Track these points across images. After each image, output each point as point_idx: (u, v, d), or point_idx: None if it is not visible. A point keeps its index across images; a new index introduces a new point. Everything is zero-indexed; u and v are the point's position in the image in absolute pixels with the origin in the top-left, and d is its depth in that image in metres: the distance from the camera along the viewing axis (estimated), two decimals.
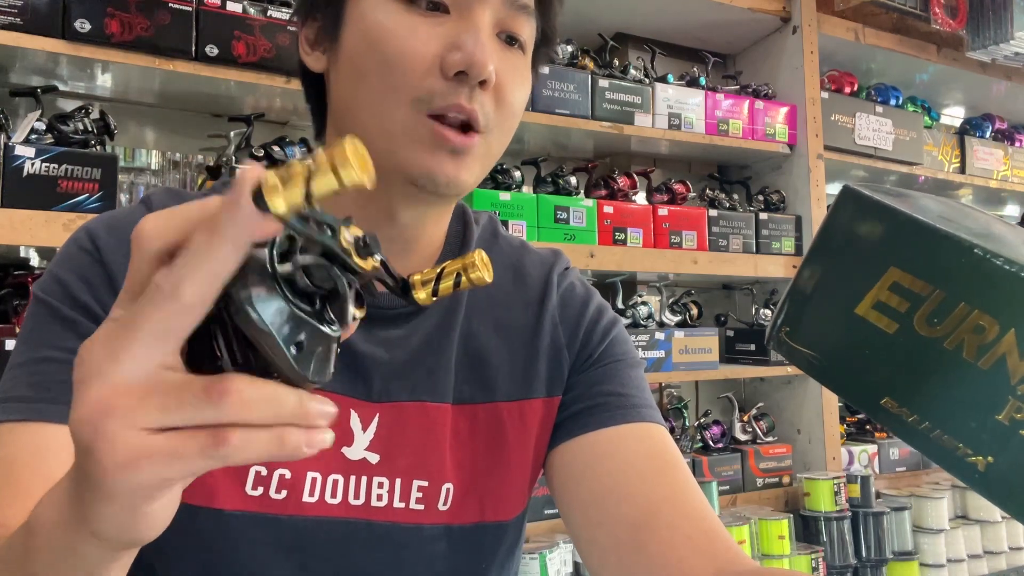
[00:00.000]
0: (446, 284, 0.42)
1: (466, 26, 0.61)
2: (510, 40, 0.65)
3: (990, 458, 0.34)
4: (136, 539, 0.36)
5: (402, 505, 0.67)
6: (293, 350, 0.33)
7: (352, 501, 0.65)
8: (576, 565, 1.86)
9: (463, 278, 0.42)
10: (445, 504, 0.68)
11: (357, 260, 0.35)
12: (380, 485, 0.66)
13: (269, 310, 0.32)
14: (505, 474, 0.71)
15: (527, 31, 0.66)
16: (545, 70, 1.98)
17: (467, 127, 0.62)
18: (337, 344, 0.36)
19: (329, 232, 0.34)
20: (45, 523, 0.38)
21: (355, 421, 0.66)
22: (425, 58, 0.60)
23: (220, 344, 0.34)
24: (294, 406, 0.33)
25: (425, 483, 0.67)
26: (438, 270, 0.42)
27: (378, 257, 0.36)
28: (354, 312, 0.36)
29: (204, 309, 0.32)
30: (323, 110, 0.71)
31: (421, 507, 0.67)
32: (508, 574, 0.75)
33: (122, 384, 0.32)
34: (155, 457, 0.32)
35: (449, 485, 0.68)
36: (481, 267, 0.42)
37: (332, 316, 0.36)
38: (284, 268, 0.33)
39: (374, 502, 0.66)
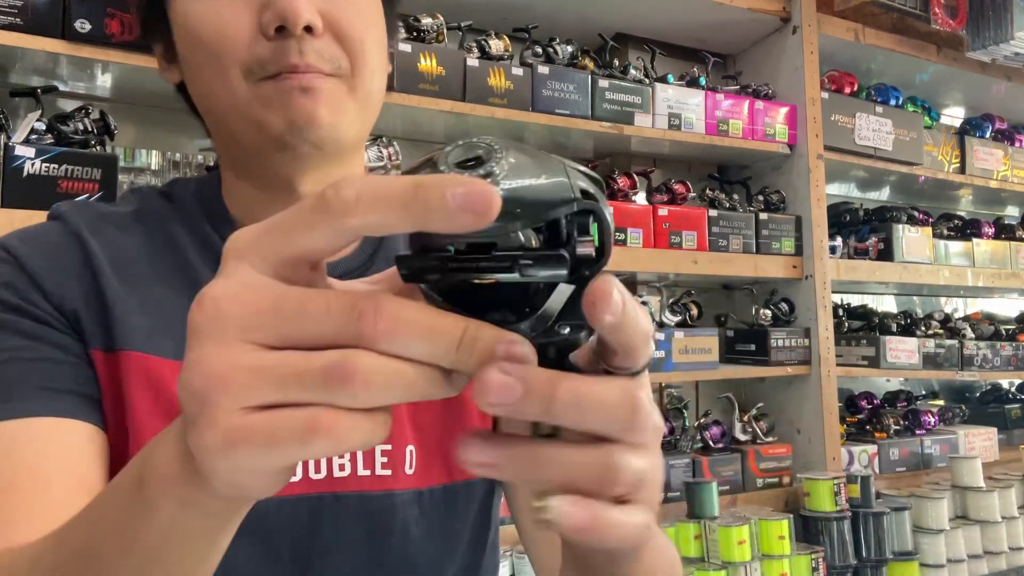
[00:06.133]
0: None
1: None
2: None
3: None
4: (251, 497, 0.34)
5: (367, 472, 0.64)
6: None
7: (313, 475, 0.63)
8: None
9: None
10: (411, 467, 0.66)
11: None
12: (340, 454, 0.65)
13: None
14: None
15: None
16: (545, 70, 1.98)
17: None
18: None
19: None
20: (159, 478, 0.35)
21: None
22: (241, 28, 0.60)
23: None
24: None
25: (388, 447, 0.65)
26: None
27: None
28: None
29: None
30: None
31: (388, 472, 0.65)
32: (486, 532, 0.73)
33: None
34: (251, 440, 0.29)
35: (411, 447, 0.66)
36: None
37: None
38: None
39: (336, 472, 0.64)
